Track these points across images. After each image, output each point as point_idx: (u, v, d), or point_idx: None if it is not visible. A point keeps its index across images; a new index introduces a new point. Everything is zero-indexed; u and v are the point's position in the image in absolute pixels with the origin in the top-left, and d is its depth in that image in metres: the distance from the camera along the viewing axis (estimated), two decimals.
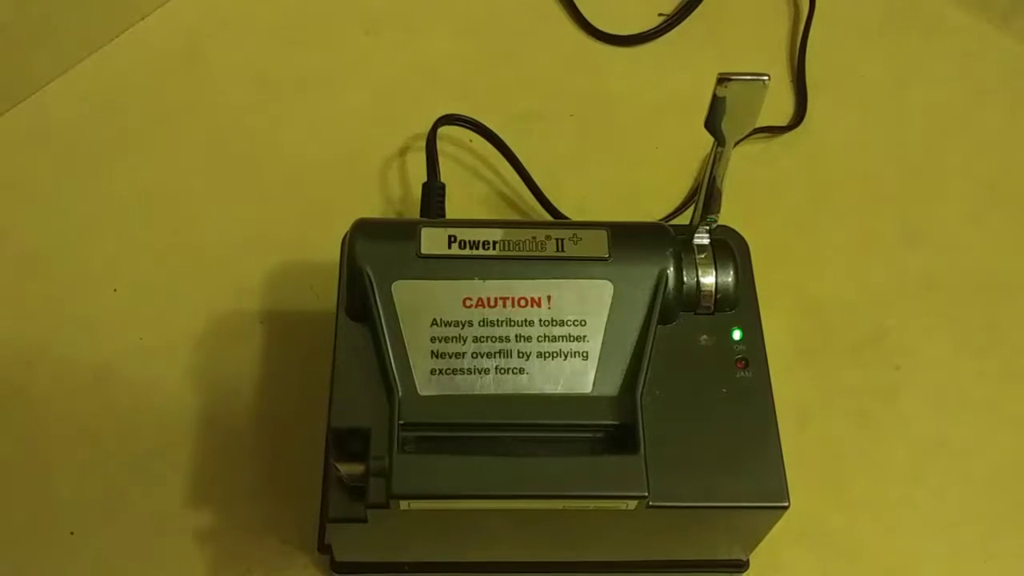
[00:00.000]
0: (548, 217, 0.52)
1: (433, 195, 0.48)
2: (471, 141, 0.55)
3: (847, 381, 0.49)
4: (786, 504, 0.37)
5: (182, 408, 0.47)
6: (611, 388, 0.38)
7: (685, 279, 0.39)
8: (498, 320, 0.38)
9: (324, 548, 0.43)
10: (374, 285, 0.38)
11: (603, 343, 0.38)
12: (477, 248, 0.39)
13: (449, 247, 0.39)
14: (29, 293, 0.50)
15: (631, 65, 0.60)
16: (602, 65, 0.60)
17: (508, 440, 0.37)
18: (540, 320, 0.38)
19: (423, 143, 0.50)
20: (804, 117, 0.57)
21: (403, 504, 0.36)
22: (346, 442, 0.36)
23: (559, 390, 0.38)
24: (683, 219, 0.52)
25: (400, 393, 0.37)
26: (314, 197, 0.53)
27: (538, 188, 0.53)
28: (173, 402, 0.47)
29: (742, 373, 0.39)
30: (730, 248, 0.41)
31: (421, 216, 0.48)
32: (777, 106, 0.58)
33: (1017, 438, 0.48)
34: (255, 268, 0.51)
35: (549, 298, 0.39)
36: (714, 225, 0.40)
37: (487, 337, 0.38)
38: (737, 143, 0.37)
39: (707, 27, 0.61)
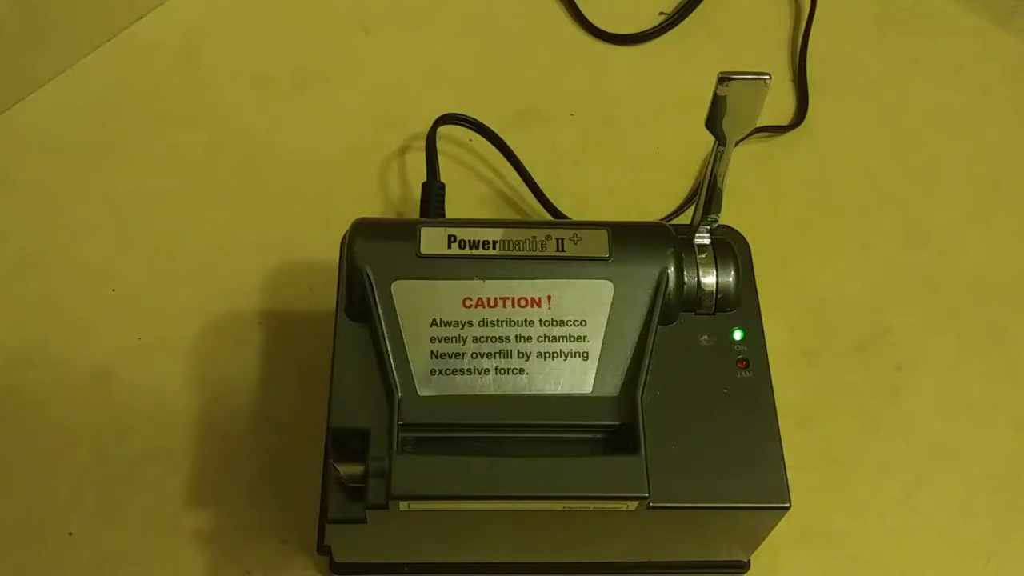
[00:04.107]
0: (548, 217, 0.52)
1: (433, 195, 0.48)
2: (471, 141, 0.55)
3: (848, 381, 0.49)
4: (787, 505, 0.37)
5: (181, 408, 0.47)
6: (611, 388, 0.38)
7: (686, 279, 0.39)
8: (498, 320, 0.38)
9: (323, 549, 0.43)
10: (373, 285, 0.38)
11: (603, 343, 0.38)
12: (477, 248, 0.39)
13: (449, 247, 0.39)
14: (28, 293, 0.50)
15: (631, 65, 0.60)
16: (602, 65, 0.60)
17: (508, 441, 0.37)
18: (540, 320, 0.38)
19: (423, 143, 0.50)
20: (805, 116, 0.57)
21: (403, 505, 0.35)
22: (345, 443, 0.36)
23: (559, 390, 0.37)
24: (684, 219, 0.51)
25: (400, 393, 0.37)
26: (313, 197, 0.53)
27: (538, 188, 0.52)
28: (172, 402, 0.47)
29: (743, 373, 0.39)
30: (731, 248, 0.40)
31: (421, 216, 0.48)
32: (778, 105, 0.58)
33: (1018, 438, 0.48)
34: (254, 268, 0.51)
35: (549, 298, 0.38)
36: (715, 225, 0.40)
37: (487, 337, 0.38)
38: (738, 143, 0.37)
39: (708, 26, 0.61)
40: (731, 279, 0.40)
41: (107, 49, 0.58)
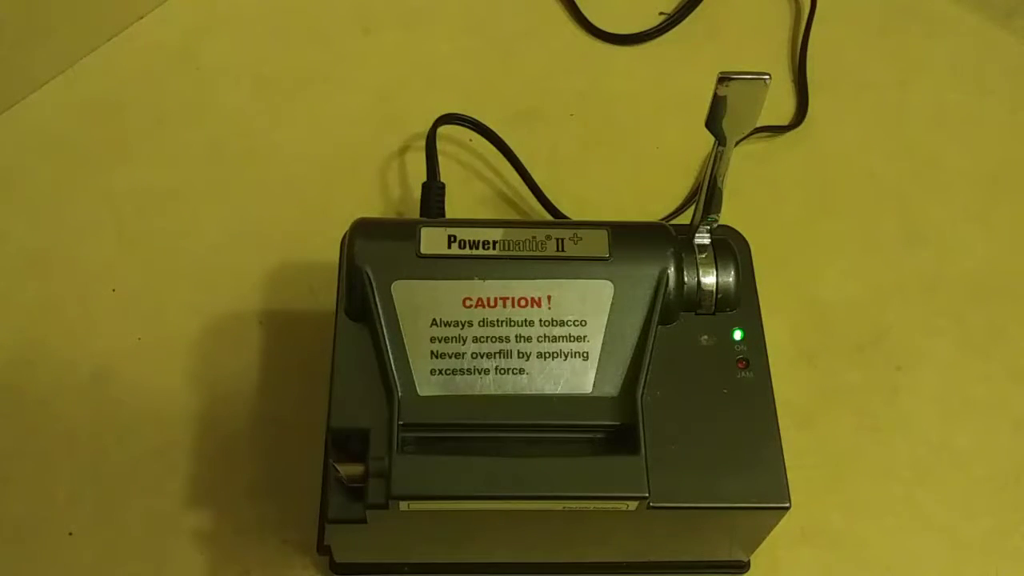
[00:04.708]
0: (548, 217, 0.52)
1: (433, 195, 0.48)
2: (471, 141, 0.55)
3: (848, 381, 0.49)
4: (787, 505, 0.37)
5: (181, 408, 0.47)
6: (611, 388, 0.38)
7: (686, 279, 0.39)
8: (498, 320, 0.38)
9: (323, 549, 0.43)
10: (373, 285, 0.38)
11: (603, 343, 0.38)
12: (477, 248, 0.39)
13: (449, 247, 0.39)
14: (28, 293, 0.50)
15: (631, 65, 0.60)
16: (602, 65, 0.60)
17: (508, 441, 0.37)
18: (540, 320, 0.38)
19: (423, 143, 0.50)
20: (805, 116, 0.57)
21: (402, 505, 0.35)
22: (345, 442, 0.36)
23: (559, 390, 0.37)
24: (684, 219, 0.51)
25: (400, 393, 0.37)
26: (313, 197, 0.53)
27: (538, 188, 0.52)
28: (172, 402, 0.47)
29: (743, 373, 0.39)
30: (731, 248, 0.40)
31: (421, 216, 0.48)
32: (778, 105, 0.58)
33: (1018, 438, 0.48)
34: (254, 268, 0.51)
35: (549, 298, 0.38)
36: (715, 225, 0.40)
37: (487, 337, 0.38)
38: (738, 143, 0.37)
39: (708, 26, 0.61)
40: (731, 279, 0.40)
41: (107, 49, 0.58)
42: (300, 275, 0.50)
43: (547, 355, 0.38)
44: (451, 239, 0.39)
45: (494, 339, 0.38)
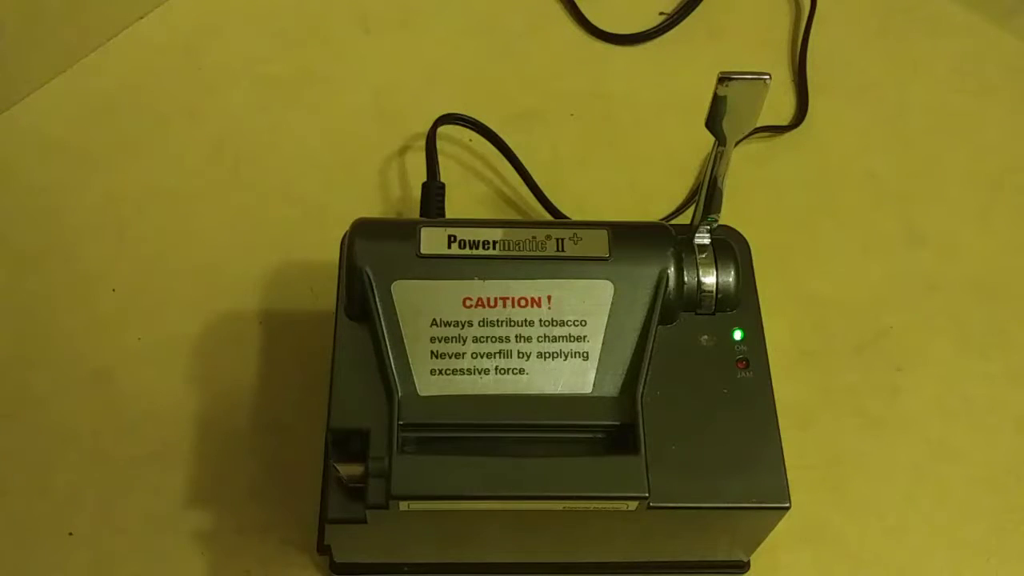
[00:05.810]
0: (548, 217, 0.52)
1: (433, 195, 0.48)
2: (471, 141, 0.55)
3: (848, 381, 0.49)
4: (787, 505, 0.37)
5: (181, 408, 0.47)
6: (611, 388, 0.38)
7: (686, 279, 0.39)
8: (498, 320, 0.38)
9: (323, 549, 0.43)
10: (373, 285, 0.38)
11: (603, 343, 0.38)
12: (477, 248, 0.39)
13: (449, 247, 0.39)
14: (28, 293, 0.50)
15: (631, 65, 0.60)
16: (602, 65, 0.60)
17: (508, 441, 0.37)
18: (540, 320, 0.38)
19: (423, 143, 0.50)
20: (805, 117, 0.57)
21: (403, 505, 0.35)
22: (345, 442, 0.36)
23: (559, 390, 0.37)
24: (684, 219, 0.51)
25: (400, 393, 0.37)
26: (313, 197, 0.53)
27: (538, 188, 0.52)
28: (172, 402, 0.47)
29: (743, 373, 0.39)
30: (731, 248, 0.40)
31: (421, 216, 0.48)
32: (778, 105, 0.58)
33: (1018, 438, 0.48)
34: (254, 268, 0.51)
35: (549, 298, 0.38)
36: (715, 225, 0.40)
37: (487, 337, 0.38)
38: (738, 143, 0.37)
39: (708, 26, 0.61)
40: (731, 279, 0.40)
41: (107, 49, 0.58)
42: (300, 275, 0.50)
43: (547, 355, 0.38)
44: (451, 239, 0.39)
45: (494, 339, 0.38)
